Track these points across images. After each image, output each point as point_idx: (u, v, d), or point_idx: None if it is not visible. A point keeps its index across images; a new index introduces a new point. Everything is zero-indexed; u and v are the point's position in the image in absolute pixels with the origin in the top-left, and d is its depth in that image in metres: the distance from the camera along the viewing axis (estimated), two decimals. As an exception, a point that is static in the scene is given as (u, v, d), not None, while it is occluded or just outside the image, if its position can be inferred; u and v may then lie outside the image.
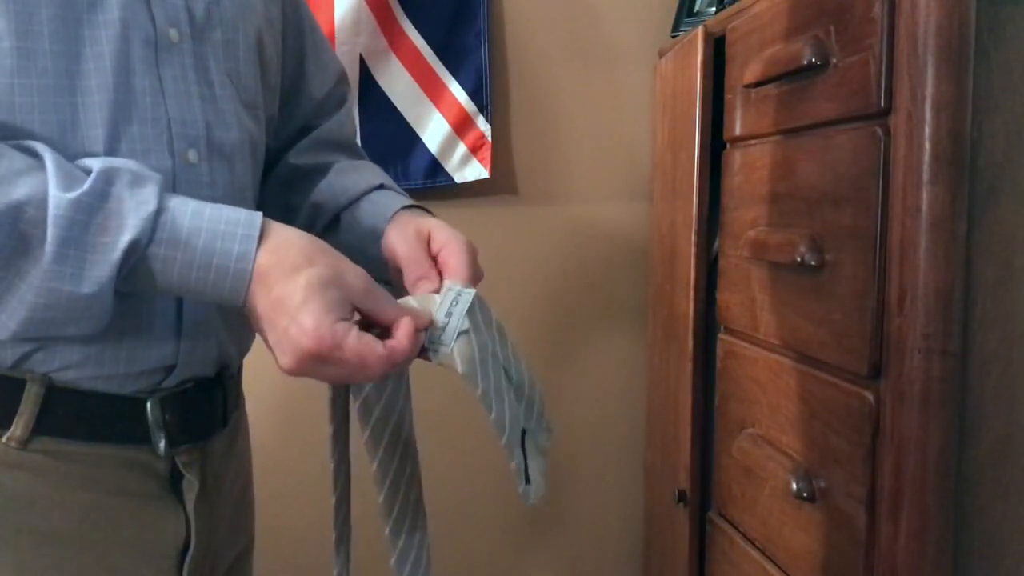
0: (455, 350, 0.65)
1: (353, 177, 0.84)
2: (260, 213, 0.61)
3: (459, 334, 0.65)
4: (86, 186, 0.57)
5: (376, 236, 0.77)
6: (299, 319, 0.57)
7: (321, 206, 0.83)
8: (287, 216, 0.86)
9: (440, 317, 0.66)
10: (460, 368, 0.64)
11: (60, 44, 0.61)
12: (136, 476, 0.68)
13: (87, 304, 0.58)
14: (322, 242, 0.62)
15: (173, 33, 0.68)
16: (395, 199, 0.80)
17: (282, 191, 0.88)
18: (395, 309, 0.63)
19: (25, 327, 0.59)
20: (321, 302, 0.58)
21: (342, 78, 0.95)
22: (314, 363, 0.58)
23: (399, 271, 0.73)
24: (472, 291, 0.69)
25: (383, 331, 0.62)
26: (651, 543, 1.66)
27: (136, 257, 0.58)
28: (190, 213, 0.59)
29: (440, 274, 0.71)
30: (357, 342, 0.58)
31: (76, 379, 0.64)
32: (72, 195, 0.56)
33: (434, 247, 0.73)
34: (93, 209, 0.57)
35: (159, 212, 0.58)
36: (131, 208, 0.57)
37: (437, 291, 0.69)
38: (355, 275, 0.61)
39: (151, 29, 0.66)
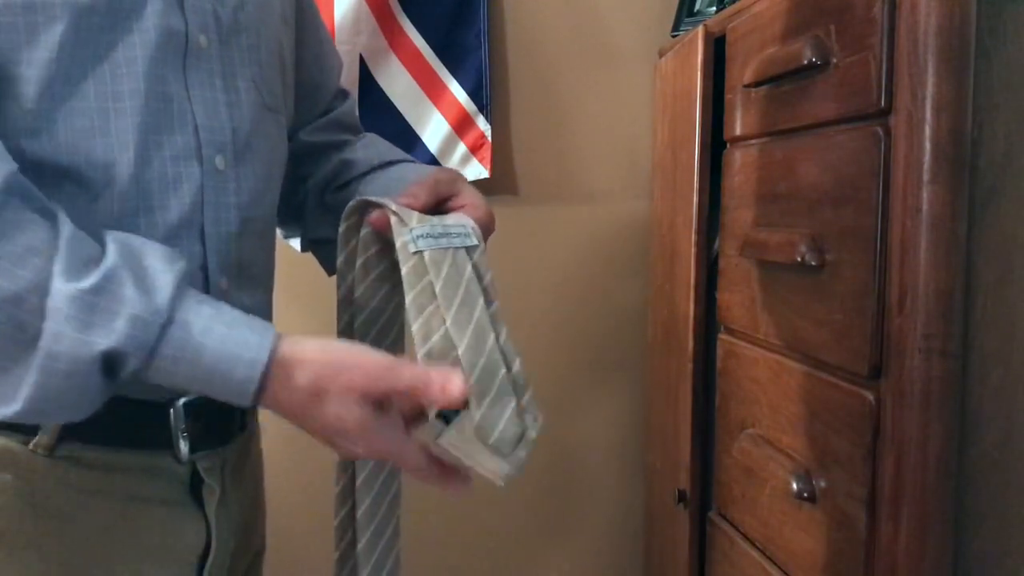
0: (426, 251, 0.65)
1: (393, 149, 0.90)
2: (271, 334, 0.60)
3: (431, 244, 0.65)
4: (91, 281, 0.56)
5: (405, 184, 0.77)
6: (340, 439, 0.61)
7: (355, 163, 0.87)
8: (293, 183, 0.89)
9: (430, 224, 0.67)
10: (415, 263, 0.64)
11: (91, 50, 0.61)
12: (158, 482, 0.69)
13: (76, 399, 0.57)
14: (333, 349, 0.62)
15: (203, 39, 0.67)
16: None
17: (291, 162, 0.89)
18: (410, 373, 0.61)
19: (22, 414, 0.57)
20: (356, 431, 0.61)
21: (340, 69, 0.98)
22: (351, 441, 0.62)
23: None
24: (478, 244, 0.69)
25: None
26: (651, 543, 1.66)
27: (123, 359, 0.57)
28: (199, 330, 0.58)
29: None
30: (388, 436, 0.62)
31: None
32: (74, 287, 0.55)
33: (457, 200, 0.75)
34: (91, 307, 0.55)
35: (168, 324, 0.57)
36: (129, 313, 0.56)
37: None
38: (361, 373, 0.61)
39: (183, 35, 0.66)
